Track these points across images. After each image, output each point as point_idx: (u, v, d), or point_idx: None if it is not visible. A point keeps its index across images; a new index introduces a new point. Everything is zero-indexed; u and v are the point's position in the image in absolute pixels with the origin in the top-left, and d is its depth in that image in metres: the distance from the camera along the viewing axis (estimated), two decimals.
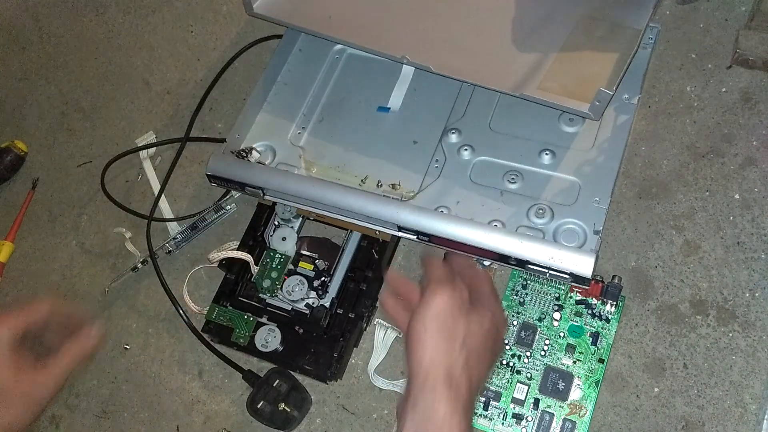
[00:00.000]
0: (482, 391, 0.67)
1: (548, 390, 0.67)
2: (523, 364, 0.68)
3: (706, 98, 0.75)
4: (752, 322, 0.66)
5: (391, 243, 0.74)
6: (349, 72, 0.82)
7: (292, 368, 0.71)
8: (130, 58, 0.96)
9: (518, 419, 0.66)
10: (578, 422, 0.65)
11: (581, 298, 0.69)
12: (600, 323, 0.68)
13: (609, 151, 0.71)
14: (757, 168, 0.71)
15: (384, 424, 0.70)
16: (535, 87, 0.68)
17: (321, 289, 0.73)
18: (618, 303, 0.68)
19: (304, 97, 0.81)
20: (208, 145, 0.87)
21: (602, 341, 0.67)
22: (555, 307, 0.69)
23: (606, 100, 0.63)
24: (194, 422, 0.75)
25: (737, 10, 0.77)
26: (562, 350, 0.68)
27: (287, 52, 0.83)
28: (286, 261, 0.75)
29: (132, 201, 0.87)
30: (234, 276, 0.75)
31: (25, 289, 0.86)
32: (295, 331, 0.72)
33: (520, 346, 0.69)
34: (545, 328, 0.69)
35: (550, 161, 0.72)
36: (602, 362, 0.67)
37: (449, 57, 0.73)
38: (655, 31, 0.75)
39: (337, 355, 0.70)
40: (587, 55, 0.70)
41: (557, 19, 0.74)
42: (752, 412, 0.64)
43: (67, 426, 0.78)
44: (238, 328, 0.73)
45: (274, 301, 0.74)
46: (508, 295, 0.71)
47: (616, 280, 0.68)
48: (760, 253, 0.68)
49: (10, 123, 0.97)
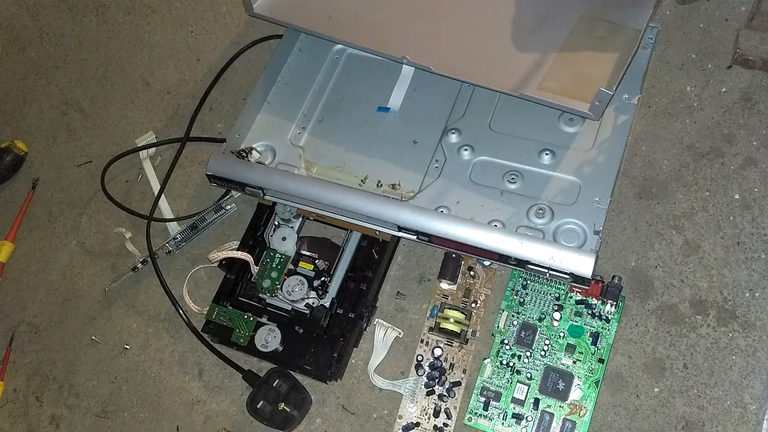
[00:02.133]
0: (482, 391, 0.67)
1: (548, 390, 0.67)
2: (523, 364, 0.68)
3: (706, 98, 0.75)
4: (752, 322, 0.66)
5: (391, 243, 0.74)
6: (349, 72, 0.82)
7: (292, 368, 0.71)
8: (130, 58, 0.96)
9: (518, 419, 0.66)
10: (578, 422, 0.65)
11: (581, 298, 0.69)
12: (600, 323, 0.68)
13: (609, 151, 0.71)
14: (757, 168, 0.71)
15: (384, 424, 0.70)
16: (535, 87, 0.68)
17: (321, 289, 0.73)
18: (618, 303, 0.68)
19: (304, 97, 0.81)
20: (208, 145, 0.87)
21: (602, 341, 0.67)
22: (555, 307, 0.69)
23: (606, 100, 0.63)
24: (194, 422, 0.75)
25: (737, 10, 0.77)
26: (562, 350, 0.68)
27: (287, 52, 0.83)
28: (286, 261, 0.75)
29: (132, 201, 0.87)
30: (234, 276, 0.75)
31: (25, 289, 0.86)
32: (295, 331, 0.72)
33: (520, 346, 0.69)
34: (545, 328, 0.69)
35: (550, 161, 0.71)
36: (602, 362, 0.67)
37: (449, 57, 0.73)
38: (655, 31, 0.75)
39: (337, 355, 0.70)
40: (587, 55, 0.70)
41: (557, 19, 0.74)
42: (752, 412, 0.64)
43: (67, 426, 0.78)
44: (238, 328, 0.73)
45: (274, 301, 0.74)
46: (508, 295, 0.71)
47: (616, 280, 0.68)
48: (760, 253, 0.68)
49: (10, 123, 0.97)
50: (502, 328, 0.70)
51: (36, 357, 0.83)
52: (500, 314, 0.70)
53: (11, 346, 0.83)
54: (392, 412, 0.70)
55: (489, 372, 0.68)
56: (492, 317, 0.71)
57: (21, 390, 0.81)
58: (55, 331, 0.83)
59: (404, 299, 0.74)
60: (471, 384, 0.69)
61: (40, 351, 0.83)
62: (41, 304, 0.85)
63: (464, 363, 0.70)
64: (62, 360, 0.81)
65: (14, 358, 0.83)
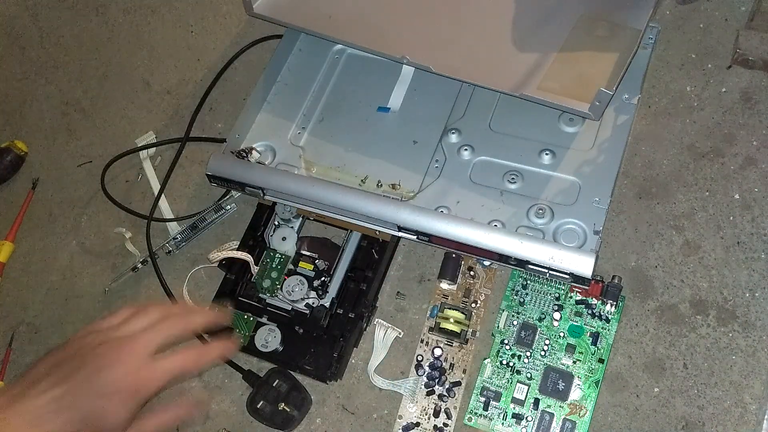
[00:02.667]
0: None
1: (548, 390, 0.67)
2: (523, 364, 0.68)
3: (706, 98, 0.75)
4: (752, 322, 0.66)
5: (391, 243, 0.74)
6: (349, 72, 0.82)
7: (292, 368, 0.71)
8: (130, 58, 0.96)
9: (518, 419, 0.66)
10: (578, 422, 0.65)
11: (581, 298, 0.69)
12: (600, 323, 0.68)
13: (609, 150, 0.71)
14: (757, 168, 0.71)
15: (384, 424, 0.70)
16: (535, 87, 0.68)
17: (321, 289, 0.73)
18: (618, 303, 0.68)
19: (304, 97, 0.81)
20: (208, 145, 0.87)
21: (602, 341, 0.67)
22: (555, 307, 0.69)
23: (606, 100, 0.63)
24: (194, 422, 0.74)
25: (737, 10, 0.77)
26: (562, 350, 0.68)
27: (287, 52, 0.83)
28: (286, 261, 0.75)
29: (132, 201, 0.87)
30: (234, 276, 0.75)
31: (25, 289, 0.86)
32: (295, 331, 0.72)
33: (520, 346, 0.69)
34: (545, 328, 0.69)
35: (550, 161, 0.71)
36: (602, 362, 0.67)
37: (449, 57, 0.73)
38: (655, 31, 0.75)
39: (337, 355, 0.70)
40: (587, 55, 0.70)
41: (557, 19, 0.74)
42: (752, 412, 0.64)
43: None
44: (238, 328, 0.73)
45: (274, 301, 0.74)
46: (508, 295, 0.71)
47: (616, 280, 0.68)
48: (760, 253, 0.68)
49: (10, 123, 0.97)
50: (502, 328, 0.70)
51: (36, 357, 0.82)
52: (500, 314, 0.70)
53: (11, 346, 0.83)
54: (392, 412, 0.70)
55: (489, 372, 0.68)
56: (492, 317, 0.71)
57: None
58: (55, 331, 0.83)
59: (404, 299, 0.74)
60: (471, 384, 0.69)
61: (40, 351, 0.82)
62: (41, 304, 0.85)
63: (464, 363, 0.70)
64: None
65: (14, 358, 0.83)
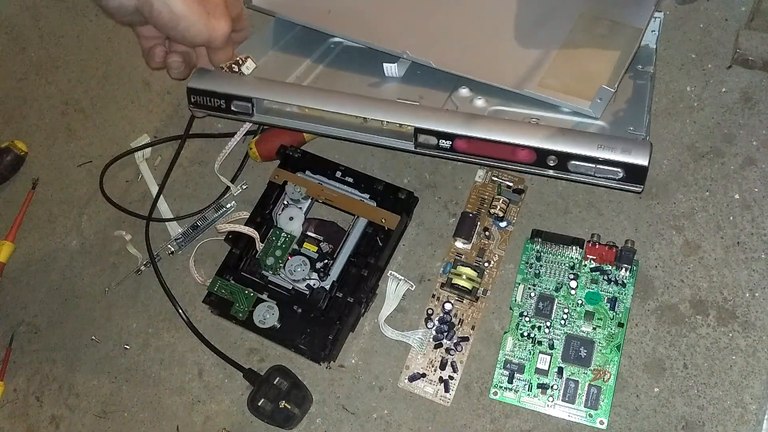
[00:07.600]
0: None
1: (571, 358, 0.67)
2: (543, 335, 0.68)
3: (706, 98, 0.75)
4: (752, 322, 0.66)
5: (396, 231, 0.74)
6: (347, 55, 0.81)
7: (287, 346, 0.72)
8: (130, 58, 0.96)
9: (543, 389, 0.66)
10: (603, 387, 0.65)
11: (596, 265, 0.69)
12: (616, 288, 0.68)
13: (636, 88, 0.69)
14: (757, 168, 0.71)
15: (384, 424, 0.70)
16: (536, 84, 0.68)
17: (323, 271, 0.74)
18: (632, 267, 0.68)
19: (307, 56, 0.79)
20: (209, 144, 0.87)
21: (620, 306, 0.68)
22: (571, 276, 0.69)
23: (607, 98, 0.63)
24: (194, 422, 0.74)
25: (737, 10, 0.77)
26: (581, 318, 0.68)
27: (290, 27, 0.82)
28: (291, 241, 0.75)
29: (132, 201, 0.87)
30: (239, 251, 0.75)
31: (25, 289, 0.86)
32: (293, 310, 0.72)
33: (539, 317, 0.69)
34: (562, 297, 0.69)
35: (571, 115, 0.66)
36: (622, 326, 0.67)
37: (450, 53, 0.72)
38: (658, 22, 0.75)
39: (332, 338, 0.70)
40: (588, 53, 0.70)
41: (559, 16, 0.74)
42: (752, 412, 0.64)
43: (67, 426, 0.78)
44: (238, 302, 0.73)
45: (275, 279, 0.74)
46: (523, 269, 0.71)
47: (629, 245, 0.68)
48: (760, 253, 0.68)
49: (10, 123, 0.97)
50: (520, 301, 0.70)
51: (36, 357, 0.82)
52: (516, 287, 0.70)
53: (11, 346, 0.83)
54: (392, 412, 0.70)
55: (510, 345, 0.68)
56: (504, 276, 0.72)
57: (21, 390, 0.81)
58: (55, 331, 0.83)
59: (404, 299, 0.74)
60: (488, 358, 0.69)
61: (40, 351, 0.83)
62: (41, 304, 0.85)
63: (473, 320, 0.70)
64: (62, 360, 0.81)
65: (14, 358, 0.83)
